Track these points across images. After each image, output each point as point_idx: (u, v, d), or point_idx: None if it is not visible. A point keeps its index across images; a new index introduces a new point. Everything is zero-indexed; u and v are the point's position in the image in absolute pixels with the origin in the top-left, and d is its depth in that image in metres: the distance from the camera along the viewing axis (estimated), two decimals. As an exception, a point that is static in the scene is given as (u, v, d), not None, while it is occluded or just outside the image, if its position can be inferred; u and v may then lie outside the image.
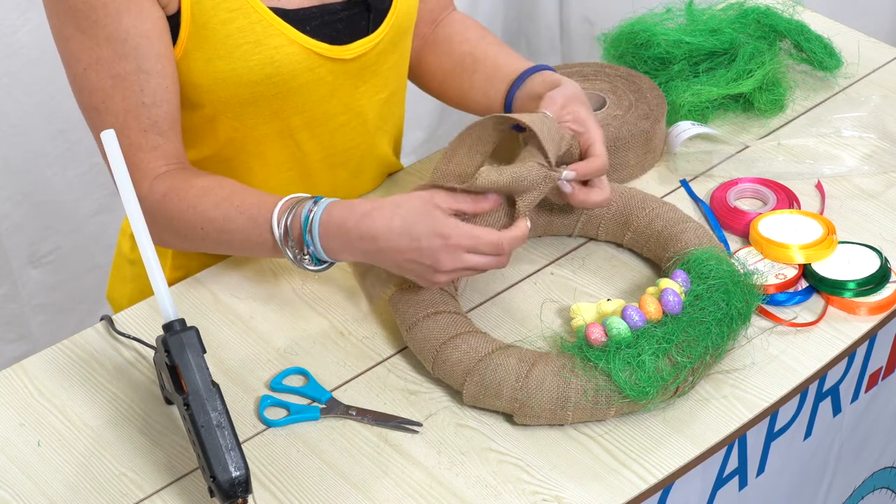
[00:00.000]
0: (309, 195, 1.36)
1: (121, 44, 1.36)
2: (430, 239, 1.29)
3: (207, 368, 1.22)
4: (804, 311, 1.44)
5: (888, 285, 1.45)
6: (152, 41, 1.37)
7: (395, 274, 1.37)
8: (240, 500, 1.18)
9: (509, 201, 1.36)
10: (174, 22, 1.39)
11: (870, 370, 1.56)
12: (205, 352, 1.23)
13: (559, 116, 1.39)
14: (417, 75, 1.65)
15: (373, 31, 1.48)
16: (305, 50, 1.43)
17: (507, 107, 1.51)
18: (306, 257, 1.35)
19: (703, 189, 1.61)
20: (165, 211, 1.41)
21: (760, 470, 1.47)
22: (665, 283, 1.35)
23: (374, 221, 1.30)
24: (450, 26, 1.62)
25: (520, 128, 1.46)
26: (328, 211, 1.33)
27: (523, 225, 1.32)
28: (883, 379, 1.61)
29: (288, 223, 1.34)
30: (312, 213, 1.33)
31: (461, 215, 1.32)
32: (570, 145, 1.37)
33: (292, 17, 1.42)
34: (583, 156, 1.40)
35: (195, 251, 1.48)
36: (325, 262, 1.36)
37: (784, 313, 1.44)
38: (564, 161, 1.39)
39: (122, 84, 1.37)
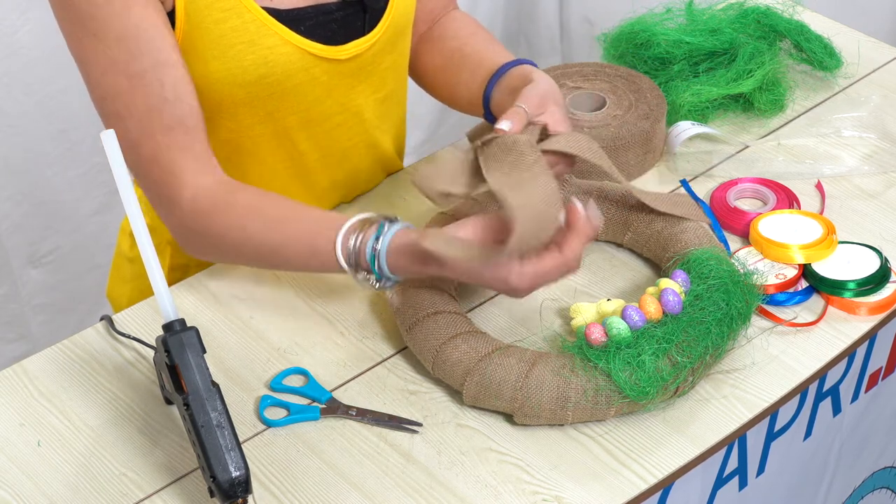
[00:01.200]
0: (369, 217, 1.32)
1: (133, 41, 1.34)
2: (503, 288, 1.27)
3: (207, 368, 1.22)
4: (804, 311, 1.44)
5: (888, 285, 1.45)
6: (162, 32, 1.35)
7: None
8: (240, 500, 1.18)
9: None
10: (169, 21, 1.38)
11: (870, 370, 1.56)
12: (205, 352, 1.23)
13: (534, 115, 1.38)
14: (414, 72, 1.65)
15: (369, 31, 1.48)
16: (300, 50, 1.43)
17: (486, 101, 1.50)
18: (376, 283, 1.32)
19: (703, 189, 1.61)
20: (212, 228, 1.37)
21: (760, 470, 1.47)
22: (665, 283, 1.36)
23: (443, 272, 1.28)
24: (445, 24, 1.62)
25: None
26: (395, 246, 1.29)
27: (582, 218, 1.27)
28: (883, 379, 1.61)
29: (354, 257, 1.31)
30: (377, 251, 1.30)
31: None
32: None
33: (286, 17, 1.42)
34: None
35: (240, 265, 1.47)
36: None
37: (784, 313, 1.44)
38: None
39: (140, 83, 1.35)
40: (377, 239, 1.30)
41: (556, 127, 1.38)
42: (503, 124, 1.34)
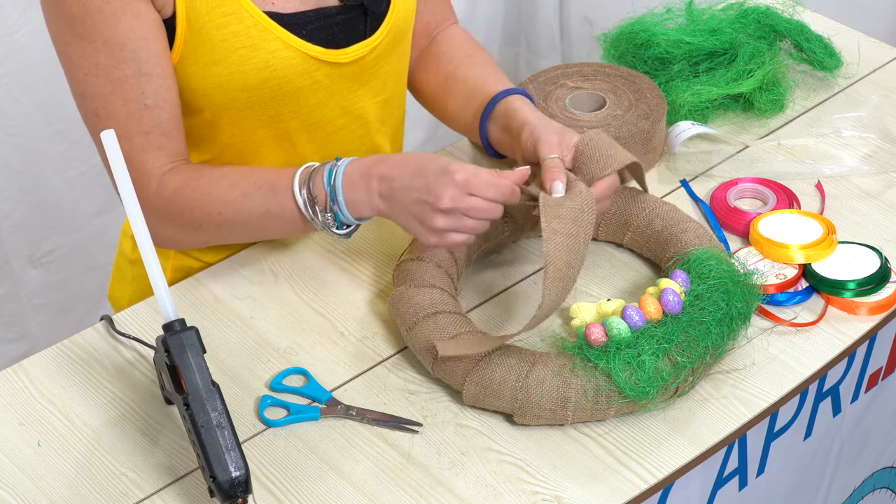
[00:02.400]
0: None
1: (119, 48, 1.36)
2: (438, 175, 1.31)
3: (207, 368, 1.22)
4: (804, 311, 1.44)
5: (888, 285, 1.45)
6: (150, 43, 1.37)
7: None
8: (240, 500, 1.19)
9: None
10: (170, 26, 1.39)
11: (870, 370, 1.56)
12: (205, 352, 1.23)
13: (564, 156, 1.39)
14: (412, 89, 1.66)
15: (370, 35, 1.48)
16: (301, 54, 1.43)
17: (482, 135, 1.52)
18: (329, 214, 1.37)
19: (703, 189, 1.61)
20: (179, 205, 1.41)
21: (760, 470, 1.47)
22: (665, 283, 1.35)
23: (389, 163, 1.34)
24: (442, 44, 1.62)
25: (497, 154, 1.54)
26: (351, 163, 1.36)
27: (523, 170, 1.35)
28: (883, 379, 1.61)
29: (311, 185, 1.36)
30: (336, 167, 1.36)
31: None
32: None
33: (288, 22, 1.42)
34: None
35: (209, 244, 1.48)
36: (348, 225, 1.38)
37: (784, 313, 1.44)
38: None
39: (122, 88, 1.37)
40: (336, 161, 1.37)
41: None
42: (557, 189, 1.35)
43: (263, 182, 1.39)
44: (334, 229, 1.38)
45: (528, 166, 1.36)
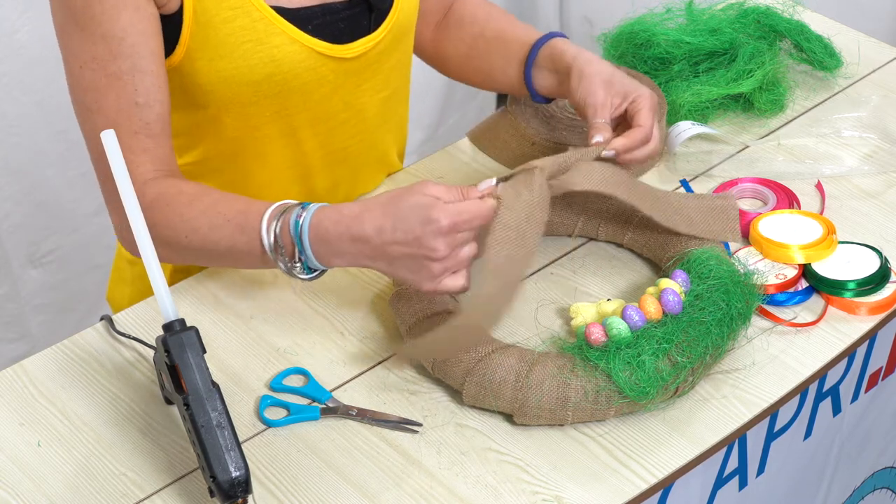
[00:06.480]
0: (296, 201, 1.33)
1: (117, 42, 1.36)
2: (422, 227, 1.25)
3: (207, 368, 1.22)
4: (804, 311, 1.44)
5: (888, 285, 1.45)
6: (148, 39, 1.37)
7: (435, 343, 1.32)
8: (240, 500, 1.19)
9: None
10: (175, 21, 1.39)
11: (870, 370, 1.56)
12: (205, 352, 1.23)
13: (613, 112, 1.40)
14: (436, 62, 1.66)
15: (374, 30, 1.49)
16: (307, 49, 1.43)
17: (529, 85, 1.51)
18: (297, 265, 1.32)
19: (702, 189, 1.61)
20: (151, 218, 1.37)
21: (760, 470, 1.47)
22: (665, 283, 1.36)
23: (363, 223, 1.28)
24: (459, 10, 1.63)
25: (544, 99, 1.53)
26: (317, 216, 1.30)
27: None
28: (883, 379, 1.61)
29: (277, 231, 1.31)
30: (302, 218, 1.30)
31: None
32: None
33: (294, 16, 1.42)
34: (629, 122, 1.42)
35: (178, 262, 1.46)
36: (315, 270, 1.33)
37: (784, 313, 1.44)
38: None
39: (116, 83, 1.37)
40: (303, 209, 1.31)
41: (627, 101, 1.42)
42: (595, 139, 1.38)
43: (233, 216, 1.35)
44: (300, 275, 1.33)
45: (493, 180, 1.30)
